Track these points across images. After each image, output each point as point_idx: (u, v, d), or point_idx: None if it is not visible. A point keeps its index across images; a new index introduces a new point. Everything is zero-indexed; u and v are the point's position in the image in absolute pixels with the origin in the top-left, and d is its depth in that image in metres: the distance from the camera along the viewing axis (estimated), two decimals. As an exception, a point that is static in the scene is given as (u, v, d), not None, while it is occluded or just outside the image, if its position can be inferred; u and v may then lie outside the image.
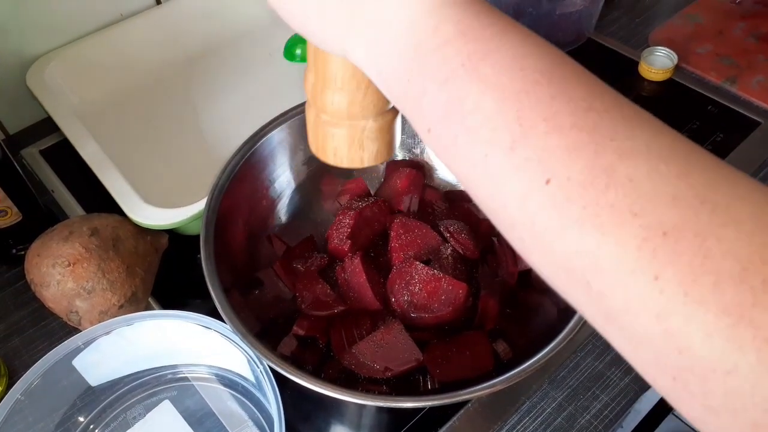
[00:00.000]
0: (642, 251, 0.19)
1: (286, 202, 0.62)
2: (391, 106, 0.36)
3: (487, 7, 0.25)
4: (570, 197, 0.21)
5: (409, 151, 0.66)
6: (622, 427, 0.89)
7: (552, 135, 0.21)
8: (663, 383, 0.21)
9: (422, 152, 0.65)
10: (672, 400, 0.21)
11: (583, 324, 0.46)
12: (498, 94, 0.23)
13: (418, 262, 0.54)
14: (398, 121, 0.38)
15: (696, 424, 0.21)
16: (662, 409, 0.92)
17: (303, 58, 0.82)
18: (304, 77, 0.37)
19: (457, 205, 0.63)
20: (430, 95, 0.25)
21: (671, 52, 0.83)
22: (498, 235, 0.61)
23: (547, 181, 0.21)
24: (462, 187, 0.26)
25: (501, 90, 0.23)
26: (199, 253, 0.50)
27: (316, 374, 0.45)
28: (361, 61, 0.28)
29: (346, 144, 0.36)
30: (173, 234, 0.64)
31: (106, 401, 0.55)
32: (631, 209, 0.20)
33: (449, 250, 0.57)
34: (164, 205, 0.59)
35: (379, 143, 0.37)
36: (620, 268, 0.20)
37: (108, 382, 0.55)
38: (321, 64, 0.34)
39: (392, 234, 0.58)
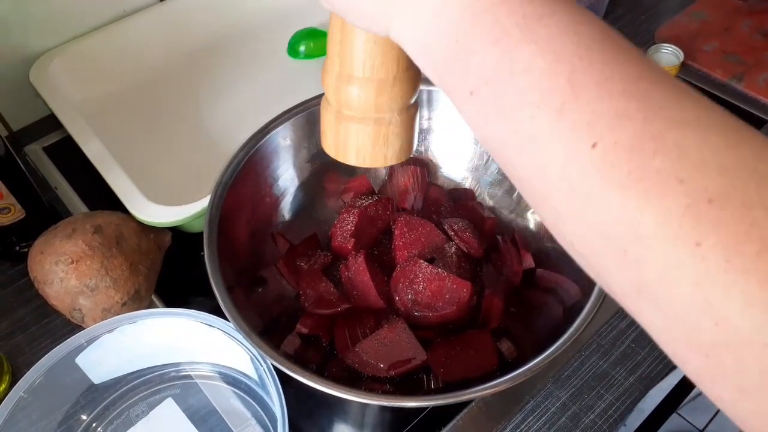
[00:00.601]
0: (686, 218, 0.19)
1: (290, 199, 0.62)
2: (414, 99, 0.35)
3: None
4: (615, 162, 0.20)
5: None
6: (625, 425, 0.89)
7: (603, 99, 0.21)
8: (695, 363, 0.20)
9: (427, 150, 0.65)
10: (703, 383, 0.20)
11: (588, 323, 0.46)
12: (551, 56, 0.22)
13: (422, 261, 0.54)
14: (417, 118, 0.37)
15: (728, 410, 0.20)
16: (666, 408, 0.92)
17: (306, 55, 0.82)
18: (322, 73, 0.35)
19: (462, 203, 0.63)
20: (480, 55, 0.24)
21: (677, 49, 0.83)
22: (503, 233, 0.61)
23: (594, 145, 0.21)
24: (495, 158, 0.26)
25: (554, 52, 0.22)
26: (203, 250, 0.50)
27: (320, 373, 0.45)
28: (405, 34, 0.28)
29: (370, 141, 0.35)
30: (176, 232, 0.63)
31: (109, 399, 0.55)
32: (678, 176, 0.19)
33: (453, 249, 0.56)
34: (167, 203, 0.59)
35: (402, 140, 0.36)
36: (661, 235, 0.19)
37: (111, 379, 0.55)
38: (348, 53, 0.33)
39: (396, 232, 0.57)
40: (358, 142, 0.35)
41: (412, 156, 0.65)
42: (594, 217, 0.21)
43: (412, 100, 0.35)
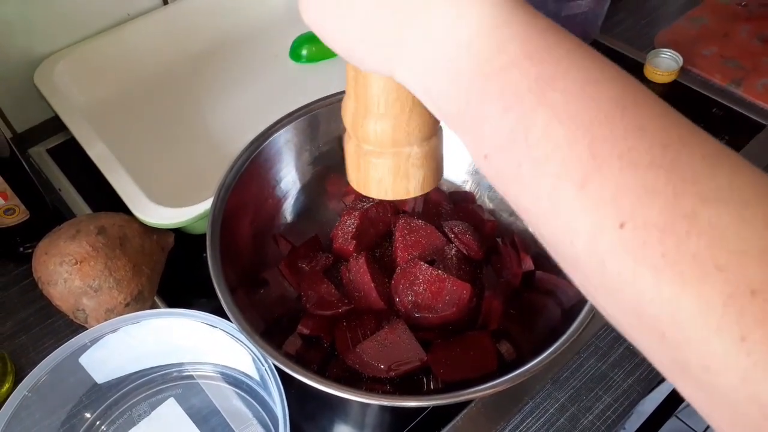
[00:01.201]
0: (727, 308, 0.18)
1: (292, 201, 0.63)
2: (435, 130, 0.35)
3: (552, 26, 0.24)
4: (647, 242, 0.19)
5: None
6: (624, 428, 0.90)
7: (627, 172, 0.20)
8: None
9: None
10: None
11: (587, 325, 0.46)
12: (568, 124, 0.21)
13: (422, 263, 0.54)
14: (442, 146, 0.36)
15: None
16: (665, 411, 0.92)
17: (309, 59, 0.83)
18: (342, 108, 0.35)
19: (462, 205, 0.63)
20: (492, 121, 0.23)
21: (676, 54, 0.83)
22: (502, 235, 0.61)
23: (622, 225, 0.20)
24: (522, 218, 0.25)
25: (571, 119, 0.21)
26: (205, 252, 0.50)
27: (321, 373, 0.45)
28: (409, 81, 0.26)
29: (390, 174, 0.35)
30: (179, 233, 0.64)
31: (112, 398, 0.56)
32: (716, 262, 0.18)
33: (453, 251, 0.57)
34: (171, 205, 0.60)
35: (425, 170, 0.35)
36: (703, 324, 0.18)
37: (114, 379, 0.56)
38: (362, 90, 0.32)
39: (397, 234, 0.58)
40: (379, 175, 0.35)
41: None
42: (628, 295, 0.20)
43: (433, 132, 0.34)
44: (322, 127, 0.61)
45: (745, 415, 0.18)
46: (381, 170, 0.35)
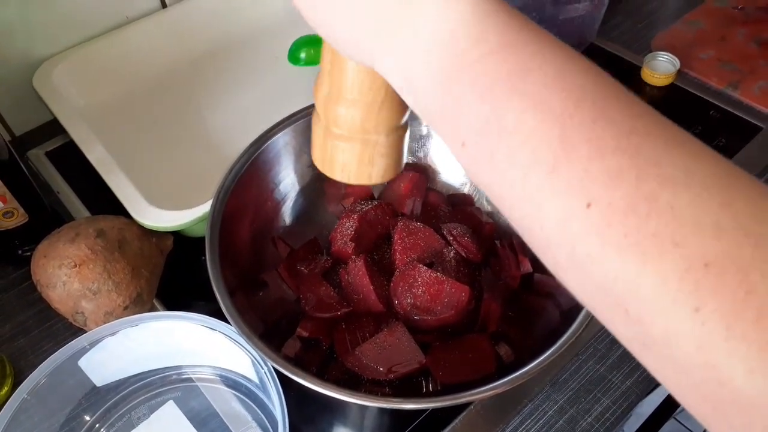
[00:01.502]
0: (683, 282, 0.19)
1: (291, 204, 0.63)
2: (403, 121, 0.35)
3: (530, 23, 0.25)
4: (611, 223, 0.21)
5: (413, 154, 0.67)
6: (623, 430, 0.90)
7: (594, 159, 0.21)
8: (701, 411, 0.21)
9: (426, 156, 0.66)
10: (710, 428, 0.21)
11: (586, 327, 0.46)
12: (540, 114, 0.22)
13: (421, 265, 0.54)
14: (407, 138, 0.37)
15: None
16: (663, 412, 0.93)
17: (307, 62, 0.83)
18: (315, 87, 0.36)
19: (460, 208, 0.64)
20: (467, 108, 0.24)
21: (673, 57, 0.84)
22: (501, 238, 0.61)
23: (588, 206, 0.21)
24: (495, 204, 0.26)
25: (543, 109, 0.22)
26: (204, 254, 0.50)
27: (320, 376, 0.45)
28: (390, 70, 0.27)
29: (356, 159, 0.35)
30: (178, 236, 0.64)
31: (111, 401, 0.56)
32: (673, 239, 0.20)
33: (452, 253, 0.57)
34: (169, 207, 0.60)
35: (389, 159, 0.36)
36: (661, 298, 0.20)
37: (113, 382, 0.56)
38: (337, 74, 0.33)
39: (395, 237, 0.58)
40: (344, 159, 0.36)
41: (411, 161, 0.67)
42: (595, 275, 0.22)
43: (401, 123, 0.35)
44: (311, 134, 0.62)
45: (703, 383, 0.20)
46: (347, 155, 0.35)
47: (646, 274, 0.20)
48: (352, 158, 0.36)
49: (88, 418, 0.55)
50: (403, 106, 0.35)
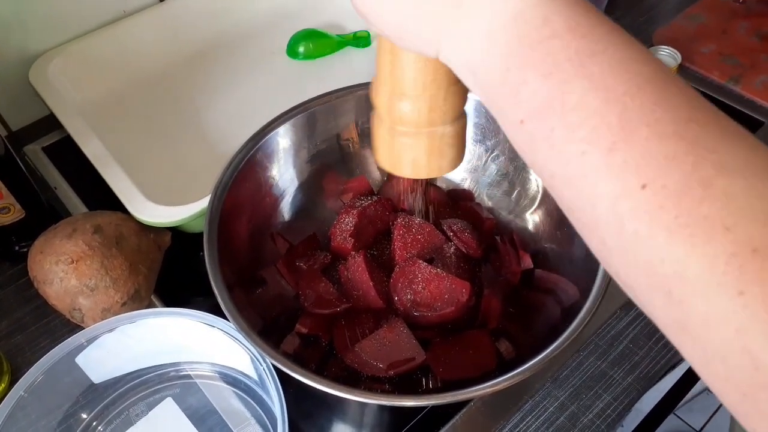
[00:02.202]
0: (729, 266, 0.19)
1: (290, 200, 0.62)
2: (465, 108, 0.36)
3: (594, 8, 0.25)
4: (663, 205, 0.21)
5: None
6: (622, 426, 0.89)
7: (652, 141, 0.22)
8: (732, 398, 0.21)
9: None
10: (739, 416, 0.21)
11: (586, 324, 0.46)
12: (603, 94, 0.23)
13: (421, 261, 0.54)
14: (466, 123, 0.37)
15: None
16: (664, 408, 0.92)
17: (306, 56, 0.82)
18: (372, 91, 0.36)
19: (461, 204, 0.63)
20: (531, 86, 0.25)
21: (675, 51, 0.83)
22: (501, 234, 0.61)
23: (643, 186, 0.21)
24: (545, 185, 0.26)
25: (606, 90, 0.23)
26: (202, 250, 0.50)
27: (319, 372, 0.45)
28: (453, 54, 0.28)
29: (425, 154, 0.36)
30: (176, 232, 0.64)
31: (109, 398, 0.55)
32: (724, 223, 0.20)
33: (452, 249, 0.57)
34: (167, 203, 0.59)
35: (456, 149, 0.37)
36: (705, 280, 0.20)
37: (111, 379, 0.55)
38: (399, 72, 0.33)
39: (395, 232, 0.57)
40: (414, 155, 0.36)
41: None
42: (641, 255, 0.22)
43: (463, 110, 0.36)
44: (319, 124, 0.61)
45: (738, 368, 0.20)
46: (416, 150, 0.36)
47: (694, 256, 0.20)
48: (421, 153, 0.36)
49: (85, 415, 0.54)
50: (464, 92, 0.35)
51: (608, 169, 0.22)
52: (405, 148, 0.36)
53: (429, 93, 0.34)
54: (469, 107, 0.37)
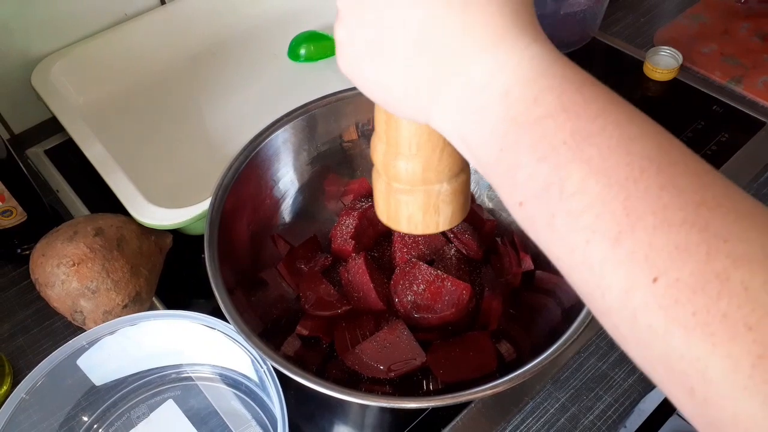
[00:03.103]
0: (756, 369, 0.18)
1: (290, 202, 0.62)
2: (464, 166, 0.36)
3: (589, 79, 0.24)
4: (678, 300, 0.20)
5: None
6: (625, 426, 0.89)
7: (661, 231, 0.20)
8: None
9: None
10: None
11: (587, 325, 0.46)
12: (604, 180, 0.21)
13: (421, 263, 0.54)
14: (470, 181, 0.37)
15: None
16: (666, 409, 0.92)
17: (307, 58, 0.83)
18: (371, 147, 0.36)
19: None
20: (527, 170, 0.23)
21: (676, 51, 0.83)
22: (502, 235, 0.61)
23: (654, 280, 0.20)
24: (554, 264, 0.25)
25: (607, 175, 0.21)
26: (203, 253, 0.50)
27: (320, 374, 0.45)
28: (445, 127, 0.27)
29: (420, 211, 0.36)
30: (177, 234, 0.64)
31: (110, 400, 0.55)
32: (746, 322, 0.19)
33: (453, 251, 0.57)
34: (168, 206, 0.60)
35: (454, 206, 0.36)
36: (731, 383, 0.19)
37: (112, 381, 0.55)
38: (393, 132, 0.33)
39: (396, 234, 0.58)
40: (409, 212, 0.36)
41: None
42: (657, 349, 0.21)
43: (462, 168, 0.35)
44: (320, 126, 0.61)
45: None
46: (411, 207, 0.36)
47: (715, 356, 0.19)
48: (416, 210, 0.36)
49: (86, 418, 0.54)
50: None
51: (616, 260, 0.21)
52: (401, 204, 0.36)
53: (423, 153, 0.33)
54: None
